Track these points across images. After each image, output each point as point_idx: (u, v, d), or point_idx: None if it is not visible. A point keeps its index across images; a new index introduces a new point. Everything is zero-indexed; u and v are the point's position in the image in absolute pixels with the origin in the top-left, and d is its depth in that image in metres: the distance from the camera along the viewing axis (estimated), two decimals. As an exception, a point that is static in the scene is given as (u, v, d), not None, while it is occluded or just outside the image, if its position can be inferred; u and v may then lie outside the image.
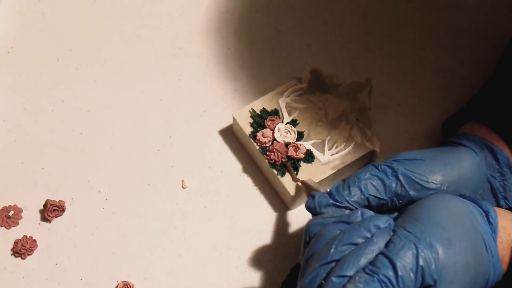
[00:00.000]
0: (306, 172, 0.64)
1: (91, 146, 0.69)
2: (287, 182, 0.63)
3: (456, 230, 0.48)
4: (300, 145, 0.65)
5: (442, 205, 0.50)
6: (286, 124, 0.66)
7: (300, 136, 0.66)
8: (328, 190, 0.54)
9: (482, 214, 0.51)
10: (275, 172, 0.64)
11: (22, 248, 0.63)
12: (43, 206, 0.65)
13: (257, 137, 0.65)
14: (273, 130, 0.66)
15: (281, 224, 0.65)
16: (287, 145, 0.65)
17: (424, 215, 0.49)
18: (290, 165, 0.64)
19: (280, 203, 0.66)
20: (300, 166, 0.64)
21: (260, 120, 0.66)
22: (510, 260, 0.51)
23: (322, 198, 0.53)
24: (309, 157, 0.64)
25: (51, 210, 0.64)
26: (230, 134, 0.70)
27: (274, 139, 0.65)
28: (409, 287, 0.45)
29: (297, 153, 0.64)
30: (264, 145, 0.65)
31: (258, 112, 0.67)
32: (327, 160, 0.64)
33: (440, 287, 0.46)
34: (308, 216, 0.65)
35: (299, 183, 0.62)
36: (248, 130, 0.66)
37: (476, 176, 0.57)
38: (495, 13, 0.77)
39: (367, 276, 0.45)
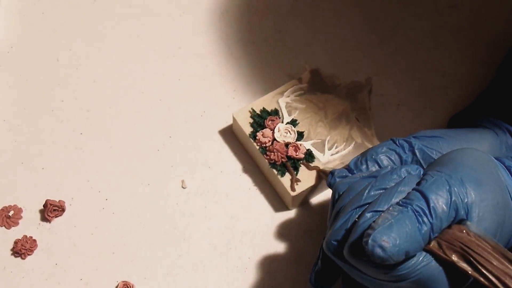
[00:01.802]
0: (306, 172, 0.64)
1: (91, 146, 0.69)
2: (287, 182, 0.63)
3: (483, 173, 0.49)
4: (300, 145, 0.65)
5: (468, 153, 0.50)
6: (286, 124, 0.66)
7: (300, 136, 0.66)
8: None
9: (504, 169, 0.51)
10: (275, 172, 0.64)
11: (22, 248, 0.63)
12: (43, 206, 0.65)
13: (257, 137, 0.65)
14: (273, 130, 0.65)
15: (281, 224, 0.65)
16: (287, 145, 0.65)
17: (452, 160, 0.49)
18: (290, 165, 0.64)
19: (280, 203, 0.66)
20: (300, 166, 0.64)
21: (260, 120, 0.66)
22: None
23: (341, 173, 0.54)
24: (309, 157, 0.64)
25: (51, 210, 0.64)
26: (230, 134, 0.70)
27: (274, 139, 0.65)
28: (442, 219, 0.46)
29: (297, 153, 0.64)
30: (264, 145, 0.65)
31: (258, 112, 0.67)
32: (327, 160, 0.64)
33: (472, 222, 0.47)
34: (309, 216, 0.65)
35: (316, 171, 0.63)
36: (248, 130, 0.66)
37: (495, 156, 0.57)
38: (495, 14, 0.77)
39: (401, 207, 0.46)
